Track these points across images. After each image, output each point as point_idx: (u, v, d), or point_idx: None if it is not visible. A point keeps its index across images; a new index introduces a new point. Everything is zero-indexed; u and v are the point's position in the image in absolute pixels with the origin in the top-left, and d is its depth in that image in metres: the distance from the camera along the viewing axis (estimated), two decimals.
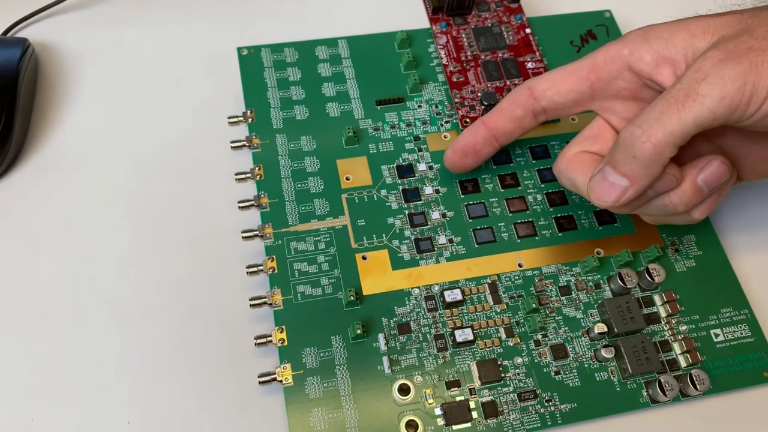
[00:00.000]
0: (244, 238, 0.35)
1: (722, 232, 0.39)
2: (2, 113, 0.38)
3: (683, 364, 0.35)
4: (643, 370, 0.33)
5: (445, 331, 0.34)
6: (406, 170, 0.39)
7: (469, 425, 0.32)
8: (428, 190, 0.38)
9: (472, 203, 0.38)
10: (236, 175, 0.37)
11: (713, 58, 0.29)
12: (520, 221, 0.38)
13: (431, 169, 0.39)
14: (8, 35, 0.43)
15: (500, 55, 0.42)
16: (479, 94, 0.40)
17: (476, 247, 0.37)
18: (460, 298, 0.34)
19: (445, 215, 0.37)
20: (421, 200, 0.38)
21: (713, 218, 0.39)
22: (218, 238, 0.37)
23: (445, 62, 0.42)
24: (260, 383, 0.32)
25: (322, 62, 0.42)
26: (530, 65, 0.42)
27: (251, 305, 0.34)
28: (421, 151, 0.39)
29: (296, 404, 0.32)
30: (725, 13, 0.31)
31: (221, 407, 0.33)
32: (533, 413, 0.33)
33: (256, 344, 0.33)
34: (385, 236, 0.37)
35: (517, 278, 0.36)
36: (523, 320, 0.35)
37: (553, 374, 0.34)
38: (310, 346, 0.33)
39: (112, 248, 0.37)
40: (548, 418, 0.33)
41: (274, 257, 0.35)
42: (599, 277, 0.36)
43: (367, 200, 0.37)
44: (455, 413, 0.32)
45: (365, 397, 0.33)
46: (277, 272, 0.35)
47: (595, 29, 0.45)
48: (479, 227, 0.37)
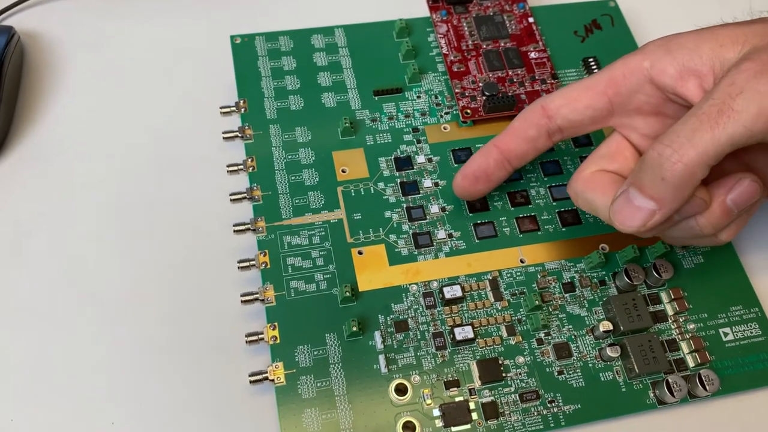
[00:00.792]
0: (235, 231, 0.34)
1: None
2: None
3: (691, 364, 0.33)
4: (649, 370, 0.32)
5: (444, 328, 0.33)
6: (404, 162, 0.37)
7: (468, 427, 0.31)
8: (427, 183, 0.37)
9: None
10: (228, 166, 0.36)
11: (748, 70, 0.27)
12: (522, 215, 0.36)
13: (430, 161, 0.37)
14: None
15: (502, 44, 0.41)
16: (481, 84, 0.39)
17: (477, 242, 0.35)
18: (459, 294, 0.33)
19: (444, 209, 0.36)
20: (419, 193, 0.36)
21: None
22: (209, 231, 0.36)
23: (445, 51, 0.40)
24: (251, 382, 0.31)
25: (318, 51, 0.40)
26: (533, 55, 0.40)
27: (242, 301, 0.32)
28: (419, 143, 0.38)
29: (288, 404, 0.31)
30: (755, 20, 0.29)
31: (210, 407, 0.32)
32: (535, 414, 0.32)
33: (247, 342, 0.32)
34: (382, 230, 0.35)
35: (519, 274, 0.35)
36: (525, 318, 0.34)
37: (556, 374, 0.33)
38: (303, 344, 0.32)
39: (97, 242, 0.36)
40: (551, 419, 0.32)
41: (266, 252, 0.34)
42: (604, 273, 0.35)
43: (363, 193, 0.36)
44: (454, 414, 0.31)
45: (360, 397, 0.31)
46: (269, 267, 0.34)
47: (600, 19, 0.43)
48: (480, 222, 0.36)
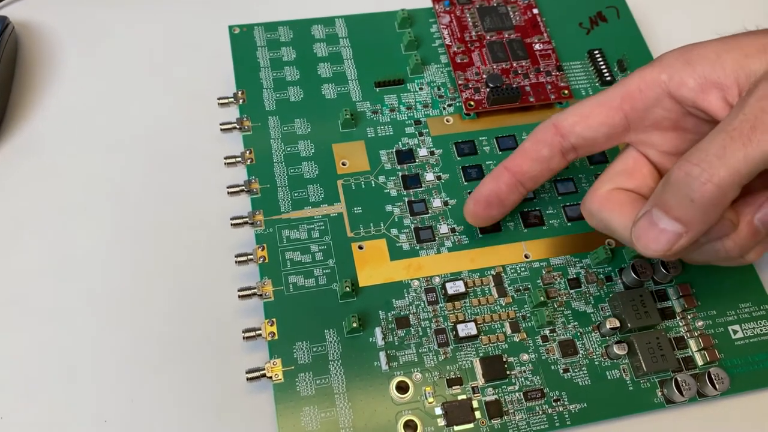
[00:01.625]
0: (233, 225, 0.33)
1: None
2: None
3: (700, 362, 0.32)
4: (657, 368, 0.31)
5: (446, 325, 0.32)
6: (405, 155, 0.36)
7: (471, 426, 0.30)
8: (429, 176, 0.36)
9: None
10: (226, 159, 0.35)
11: None
12: (526, 210, 0.35)
13: (432, 154, 0.37)
14: None
15: (506, 35, 0.40)
16: (484, 76, 0.38)
17: (480, 237, 0.35)
18: (462, 290, 0.32)
19: (447, 203, 0.35)
20: (421, 187, 0.36)
21: None
22: (206, 225, 0.35)
23: (448, 42, 0.39)
24: (248, 380, 0.30)
25: (318, 42, 0.39)
26: (538, 47, 0.40)
27: (240, 296, 0.32)
28: (422, 135, 0.37)
29: (286, 402, 0.30)
30: None
31: (205, 405, 0.31)
32: (540, 413, 0.31)
33: (244, 338, 0.31)
34: (383, 225, 0.34)
35: (523, 270, 0.34)
36: (529, 314, 0.33)
37: (561, 372, 0.32)
38: (302, 340, 0.31)
39: (92, 237, 0.35)
40: (556, 418, 0.31)
41: (264, 246, 0.33)
42: (611, 269, 0.34)
43: (364, 187, 0.35)
44: (457, 413, 0.30)
45: (360, 395, 0.30)
46: (267, 262, 0.33)
47: (605, 11, 0.42)
48: None
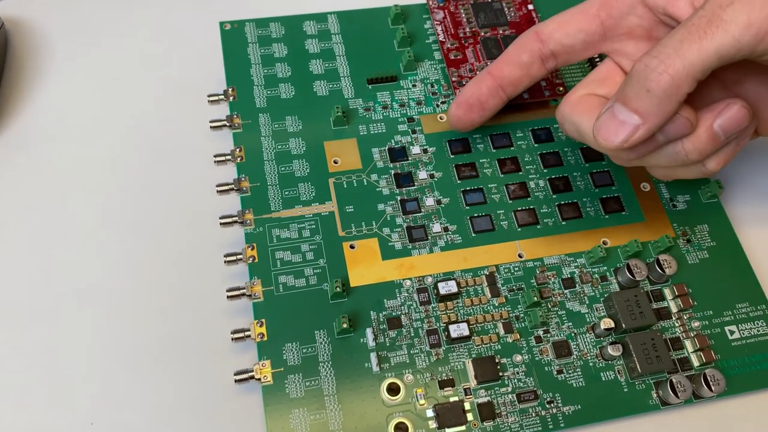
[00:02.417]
0: (222, 224, 0.33)
1: (737, 222, 0.37)
2: None
3: (696, 363, 0.32)
4: (652, 369, 0.31)
5: (438, 326, 0.32)
6: (398, 153, 0.36)
7: (463, 428, 0.30)
8: (422, 174, 0.35)
9: (469, 189, 0.35)
10: (215, 157, 0.35)
11: None
12: (520, 209, 0.35)
13: (426, 152, 0.36)
14: None
15: (501, 32, 0.39)
16: (478, 72, 0.38)
17: (473, 236, 0.34)
18: (455, 290, 0.32)
19: (440, 202, 0.35)
20: (414, 185, 0.35)
21: (728, 207, 0.37)
22: (195, 224, 0.35)
23: (441, 39, 0.39)
24: (236, 381, 0.30)
25: (310, 38, 0.39)
26: None
27: (228, 297, 0.31)
28: (415, 133, 0.37)
29: (275, 404, 0.29)
30: None
31: (193, 407, 0.31)
32: (533, 416, 0.30)
33: (233, 339, 0.30)
34: (375, 224, 0.34)
35: (517, 269, 0.33)
36: (523, 315, 0.32)
37: (555, 373, 0.31)
38: (291, 341, 0.31)
39: (80, 235, 0.34)
40: (550, 421, 0.30)
41: (254, 245, 0.33)
42: (605, 268, 0.34)
43: (356, 185, 0.35)
44: (449, 415, 0.30)
45: (351, 397, 0.30)
46: (257, 261, 0.32)
47: None
48: (477, 215, 0.35)
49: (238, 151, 0.35)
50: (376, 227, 0.34)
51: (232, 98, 0.36)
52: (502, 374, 0.31)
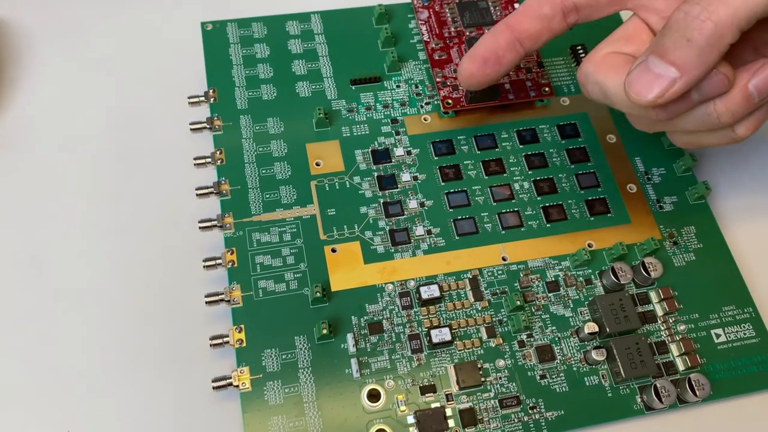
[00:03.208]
0: (201, 228, 0.32)
1: (725, 223, 0.36)
2: None
3: (681, 367, 0.32)
4: (637, 374, 0.30)
5: (420, 330, 0.31)
6: (381, 155, 0.35)
7: None
8: (405, 176, 0.35)
9: (453, 191, 0.35)
10: (195, 159, 0.34)
11: None
12: (505, 211, 0.35)
13: (409, 154, 0.36)
14: None
15: (486, 31, 0.39)
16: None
17: (457, 238, 0.34)
18: (437, 294, 0.32)
19: (423, 204, 0.34)
20: (397, 188, 0.35)
21: (715, 209, 0.36)
22: (174, 228, 0.34)
23: (426, 39, 0.38)
24: (214, 388, 0.29)
25: (293, 38, 0.38)
26: None
27: (207, 302, 0.31)
28: (398, 134, 0.36)
29: (254, 411, 0.29)
30: None
31: (170, 414, 0.30)
32: (516, 422, 0.30)
33: (211, 345, 0.30)
34: (357, 227, 0.34)
35: (500, 273, 0.33)
36: (506, 319, 0.32)
37: (538, 378, 0.31)
38: (271, 347, 0.30)
39: (56, 239, 0.34)
40: (532, 426, 0.30)
41: (233, 249, 0.32)
42: (590, 271, 0.33)
43: (338, 188, 0.34)
44: (429, 421, 0.29)
45: (331, 403, 0.30)
46: (236, 266, 0.32)
47: None
48: (460, 217, 0.34)
49: (218, 153, 0.34)
50: (358, 230, 0.33)
51: (212, 100, 0.36)
52: (484, 379, 0.31)
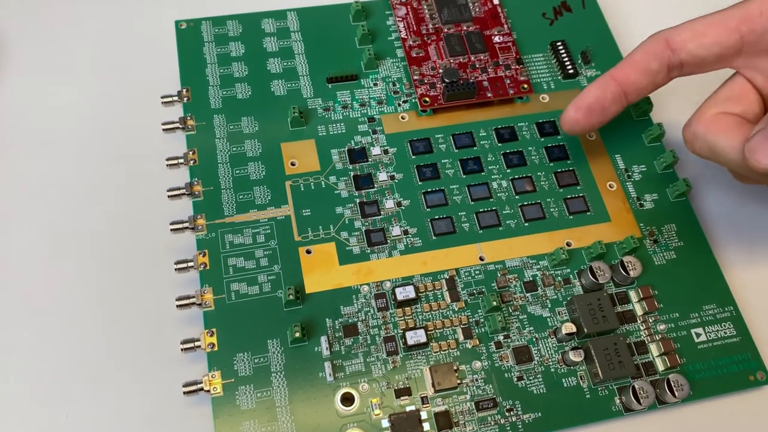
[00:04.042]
0: (173, 230, 0.32)
1: (706, 221, 0.36)
2: None
3: (661, 367, 0.31)
4: (615, 375, 0.30)
5: (396, 332, 0.31)
6: (358, 154, 0.35)
7: None
8: (382, 176, 0.34)
9: (430, 191, 0.34)
10: (168, 160, 0.33)
11: None
12: (482, 210, 0.34)
13: (386, 153, 0.35)
14: None
15: (465, 28, 0.38)
16: (440, 70, 0.37)
17: (434, 239, 0.33)
18: (413, 295, 0.31)
19: (400, 204, 0.34)
20: (374, 187, 0.34)
21: (696, 206, 0.36)
22: (146, 230, 0.34)
23: (404, 36, 0.38)
24: (185, 393, 0.29)
25: (268, 36, 0.38)
26: (497, 39, 0.38)
27: (178, 306, 0.30)
28: (375, 133, 0.36)
29: (225, 416, 0.29)
30: None
31: (141, 420, 0.30)
32: (492, 424, 0.30)
33: (182, 349, 0.30)
34: (332, 227, 0.33)
35: (477, 273, 0.33)
36: (483, 320, 0.31)
37: (515, 380, 0.30)
38: (243, 351, 0.30)
39: (25, 240, 0.33)
40: (509, 429, 0.30)
41: (206, 252, 0.32)
42: (569, 271, 0.33)
43: (314, 188, 0.34)
44: (404, 425, 0.29)
45: (304, 408, 0.29)
46: (208, 268, 0.31)
47: (569, 1, 0.41)
48: (438, 217, 0.34)
49: (191, 153, 0.34)
50: (333, 231, 0.33)
51: (186, 99, 0.35)
52: (460, 381, 0.30)
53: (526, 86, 0.37)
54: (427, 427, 0.29)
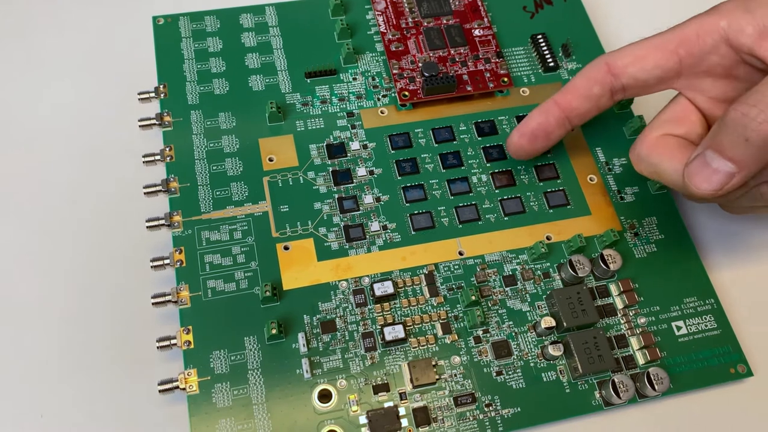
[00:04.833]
0: (149, 227, 0.31)
1: (687, 214, 0.36)
2: None
3: (641, 361, 0.31)
4: (595, 369, 0.30)
5: (374, 328, 0.31)
6: (337, 150, 0.35)
7: None
8: (361, 171, 0.34)
9: (409, 185, 0.34)
10: (144, 157, 0.33)
11: None
12: (462, 205, 0.34)
13: (365, 148, 0.35)
14: None
15: (444, 21, 0.38)
16: (420, 64, 0.37)
17: (413, 234, 0.33)
18: (391, 291, 0.31)
19: (379, 199, 0.34)
20: (352, 183, 0.34)
21: (678, 200, 0.36)
22: (122, 227, 0.33)
23: (383, 30, 0.38)
24: (161, 392, 0.29)
25: (246, 31, 0.38)
26: (477, 32, 0.38)
27: (153, 303, 0.30)
28: (354, 128, 0.35)
29: (201, 414, 0.28)
30: None
31: (116, 418, 0.30)
32: (471, 420, 0.29)
33: (158, 347, 0.29)
34: (310, 223, 0.33)
35: (457, 268, 0.32)
36: (462, 314, 0.31)
37: (494, 375, 0.30)
38: (219, 348, 0.30)
39: (0, 237, 0.33)
40: (488, 424, 0.29)
41: (182, 249, 0.31)
42: (549, 265, 0.33)
43: (292, 183, 0.34)
44: (382, 421, 0.29)
45: (281, 405, 0.29)
46: (185, 266, 0.31)
47: None
48: (417, 212, 0.33)
49: (168, 150, 0.34)
50: (311, 227, 0.33)
51: (163, 95, 0.35)
52: (439, 377, 0.30)
53: (506, 80, 0.37)
54: (405, 423, 0.29)
